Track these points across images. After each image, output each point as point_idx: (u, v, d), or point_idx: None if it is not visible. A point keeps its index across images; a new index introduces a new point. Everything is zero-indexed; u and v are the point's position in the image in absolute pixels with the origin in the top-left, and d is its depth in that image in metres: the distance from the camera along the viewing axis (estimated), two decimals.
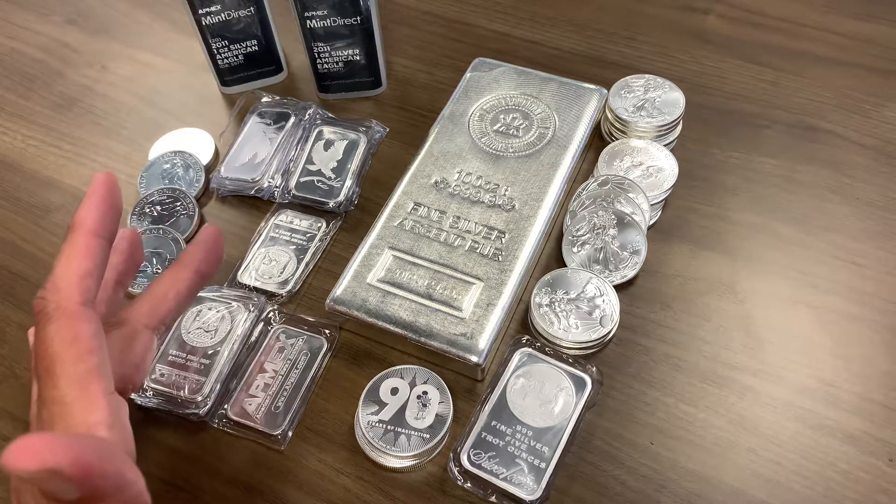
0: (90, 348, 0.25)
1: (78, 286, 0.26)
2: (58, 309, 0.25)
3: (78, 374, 0.25)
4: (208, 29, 0.49)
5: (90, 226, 0.27)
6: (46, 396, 0.25)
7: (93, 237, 0.27)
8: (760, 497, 0.33)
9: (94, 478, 0.21)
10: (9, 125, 0.53)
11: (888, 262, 0.41)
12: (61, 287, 0.26)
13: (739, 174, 0.45)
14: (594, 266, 0.40)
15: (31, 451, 0.20)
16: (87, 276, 0.26)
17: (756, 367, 0.37)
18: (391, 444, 0.34)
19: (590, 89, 0.47)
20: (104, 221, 0.27)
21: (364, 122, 0.49)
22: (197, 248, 0.31)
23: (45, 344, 0.25)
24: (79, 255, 0.27)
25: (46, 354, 0.25)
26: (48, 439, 0.21)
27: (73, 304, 0.26)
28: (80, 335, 0.25)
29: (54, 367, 0.25)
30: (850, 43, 0.52)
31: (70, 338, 0.25)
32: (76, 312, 0.26)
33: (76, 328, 0.25)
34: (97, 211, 0.27)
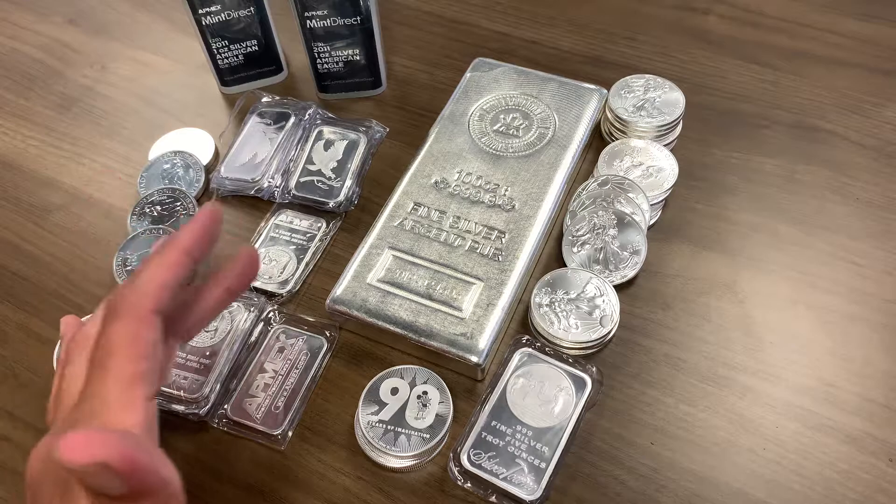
0: (145, 354, 0.26)
1: (155, 294, 0.27)
2: (130, 309, 0.27)
3: (127, 374, 0.26)
4: (208, 29, 0.49)
5: (185, 245, 0.29)
6: (92, 389, 0.26)
7: (183, 255, 0.29)
8: (760, 497, 0.33)
9: (141, 473, 0.22)
10: (9, 125, 0.53)
11: (888, 262, 0.41)
12: (141, 290, 0.27)
13: (739, 174, 0.45)
14: (594, 266, 0.40)
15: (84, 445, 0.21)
16: (166, 287, 0.28)
17: (756, 367, 0.37)
18: (391, 444, 0.34)
19: (590, 89, 0.47)
20: (199, 246, 0.29)
21: (364, 122, 0.49)
22: (232, 267, 0.33)
23: (106, 338, 0.26)
24: (167, 267, 0.28)
25: (105, 348, 0.26)
26: (100, 435, 0.21)
27: (144, 309, 0.27)
28: (140, 339, 0.26)
29: (108, 362, 0.26)
30: (850, 43, 0.52)
31: (131, 339, 0.26)
32: (145, 317, 0.27)
33: (139, 331, 0.26)
34: (195, 235, 0.29)
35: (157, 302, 0.27)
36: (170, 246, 0.29)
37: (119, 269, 0.43)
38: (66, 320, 0.34)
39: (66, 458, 0.21)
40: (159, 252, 0.29)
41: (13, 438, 0.38)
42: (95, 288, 0.43)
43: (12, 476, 0.36)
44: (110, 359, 0.26)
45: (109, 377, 0.25)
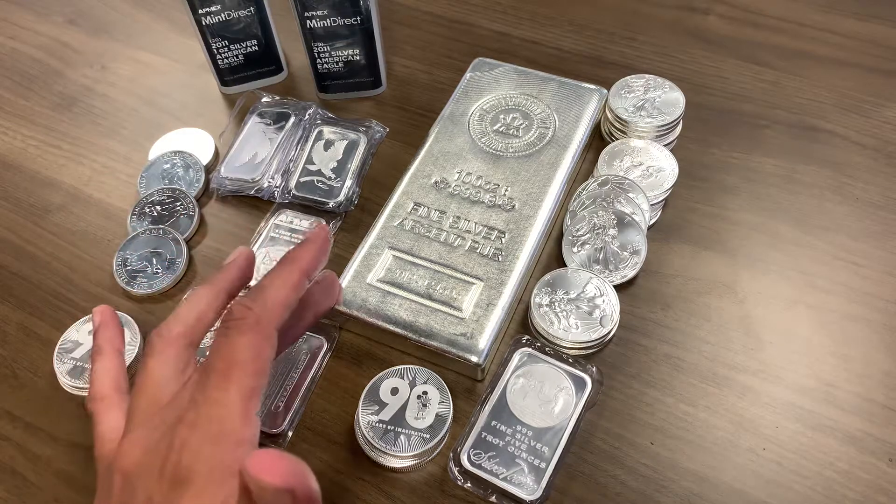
0: (265, 370, 0.27)
1: (280, 313, 0.29)
2: (258, 324, 0.28)
3: (248, 387, 0.27)
4: (208, 29, 0.49)
5: (306, 267, 0.30)
6: (212, 395, 0.26)
7: (304, 276, 0.30)
8: (760, 497, 0.33)
9: (312, 502, 0.23)
10: (9, 125, 0.53)
11: (888, 262, 0.41)
12: (268, 308, 0.28)
13: (739, 174, 0.45)
14: (594, 266, 0.40)
15: (277, 468, 0.22)
16: (288, 307, 0.29)
17: (756, 367, 0.37)
18: (391, 444, 0.34)
19: (590, 89, 0.47)
20: (315, 267, 0.31)
21: (364, 122, 0.49)
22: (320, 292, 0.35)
23: (232, 348, 0.27)
24: (290, 287, 0.30)
25: (230, 358, 0.27)
26: (290, 460, 0.22)
27: (270, 327, 0.28)
28: (263, 356, 0.27)
29: (232, 373, 0.26)
30: (850, 43, 0.52)
31: (256, 354, 0.27)
32: (270, 335, 0.28)
33: (263, 348, 0.28)
34: (316, 256, 0.31)
35: (280, 320, 0.29)
36: (293, 266, 0.30)
37: (119, 269, 0.43)
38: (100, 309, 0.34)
39: (259, 476, 0.21)
40: (283, 270, 0.30)
41: (13, 438, 0.38)
42: (95, 288, 0.43)
43: (12, 476, 0.36)
44: (235, 370, 0.26)
45: (233, 388, 0.26)
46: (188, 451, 0.26)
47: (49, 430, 0.38)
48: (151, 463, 0.26)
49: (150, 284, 0.42)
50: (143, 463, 0.27)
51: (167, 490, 0.25)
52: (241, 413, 0.26)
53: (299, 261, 0.30)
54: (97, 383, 0.32)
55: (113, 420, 0.30)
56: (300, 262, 0.30)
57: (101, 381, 0.32)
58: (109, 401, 0.31)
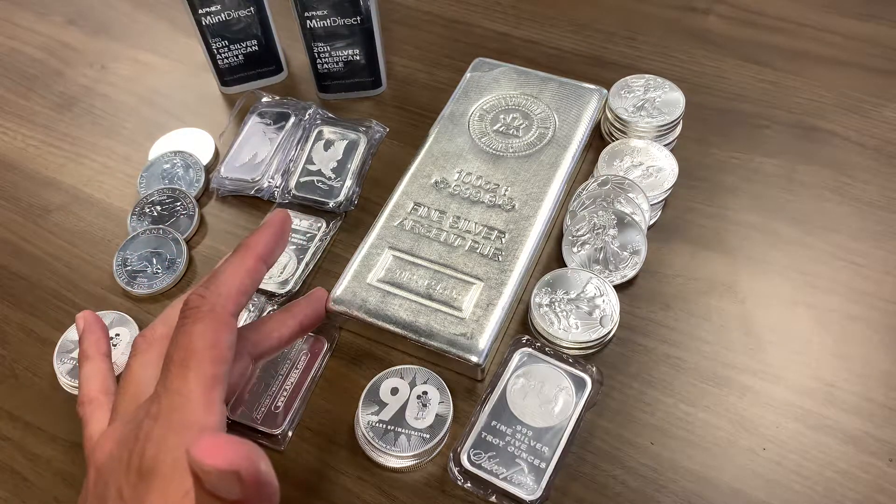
0: (224, 357, 0.27)
1: (235, 298, 0.29)
2: (212, 311, 0.28)
3: (208, 375, 0.27)
4: (208, 29, 0.49)
5: (261, 252, 0.30)
6: (173, 385, 0.26)
7: (259, 262, 0.30)
8: (760, 497, 0.33)
9: (261, 485, 0.23)
10: (9, 125, 0.53)
11: (888, 262, 0.41)
12: (222, 293, 0.28)
13: (739, 174, 0.45)
14: (594, 266, 0.40)
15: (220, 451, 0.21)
16: (244, 293, 0.29)
17: (756, 367, 0.37)
18: (391, 444, 0.34)
19: (590, 89, 0.47)
20: (272, 252, 0.31)
21: (364, 122, 0.49)
22: (307, 304, 0.36)
23: (189, 338, 0.27)
24: (245, 272, 0.30)
25: (187, 348, 0.27)
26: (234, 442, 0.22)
27: (225, 313, 0.28)
28: (221, 342, 0.27)
29: (190, 361, 0.27)
30: (850, 43, 0.52)
31: (212, 341, 0.27)
32: (226, 321, 0.28)
33: (220, 334, 0.28)
34: (271, 241, 0.31)
35: (237, 306, 0.29)
36: (246, 251, 0.30)
37: (119, 269, 0.43)
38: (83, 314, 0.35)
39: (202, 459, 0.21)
40: (236, 257, 0.30)
41: (13, 438, 0.38)
42: (95, 288, 0.43)
43: (12, 476, 0.36)
44: (192, 359, 0.27)
45: (191, 376, 0.26)
46: (152, 442, 0.26)
47: (49, 430, 0.38)
48: (120, 456, 0.27)
49: (150, 284, 0.42)
50: (113, 456, 0.27)
51: (135, 481, 0.26)
52: (203, 401, 0.26)
53: (254, 246, 0.30)
54: (85, 387, 0.32)
55: (100, 421, 0.31)
56: (255, 248, 0.30)
57: (88, 384, 0.32)
58: (97, 403, 0.31)
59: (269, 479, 0.23)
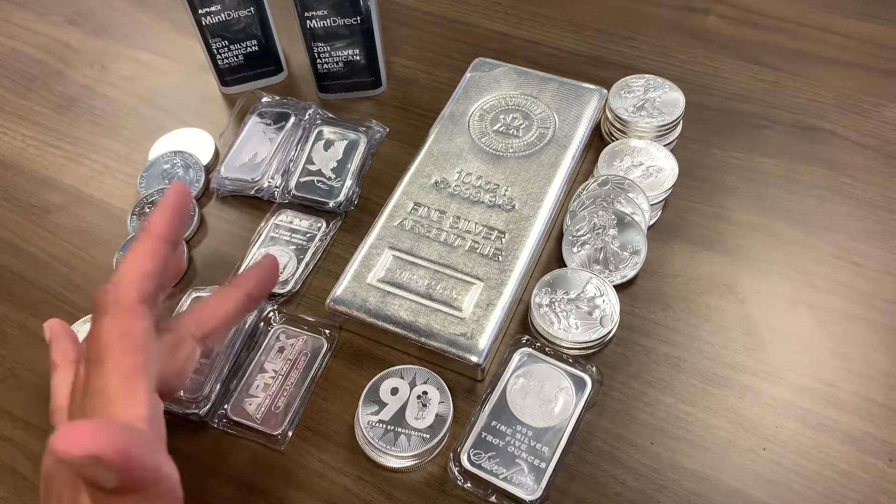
0: (139, 345, 0.27)
1: (138, 284, 0.28)
2: (116, 303, 0.27)
3: (125, 367, 0.26)
4: (208, 29, 0.49)
5: (159, 231, 0.29)
6: (92, 385, 0.26)
7: (160, 241, 0.29)
8: (760, 497, 0.33)
9: (135, 468, 0.22)
10: (9, 125, 0.53)
11: (888, 262, 0.41)
12: (123, 283, 0.28)
13: (739, 174, 0.45)
14: (594, 266, 0.40)
15: (78, 437, 0.21)
16: (148, 276, 0.28)
17: (756, 367, 0.37)
18: (391, 444, 0.34)
19: (590, 89, 0.47)
20: (172, 228, 0.30)
21: (364, 122, 0.49)
22: (251, 272, 0.34)
23: (98, 334, 0.26)
24: (145, 256, 0.28)
25: (98, 345, 0.26)
26: (94, 427, 0.21)
27: (130, 301, 0.27)
28: (131, 330, 0.27)
29: (104, 357, 0.26)
30: (850, 43, 0.52)
31: (122, 331, 0.26)
32: (132, 308, 0.27)
33: (129, 323, 0.27)
34: (168, 218, 0.29)
35: (141, 291, 0.28)
36: (144, 234, 0.29)
37: None
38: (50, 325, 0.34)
39: (58, 449, 0.21)
40: (135, 242, 0.29)
41: (13, 438, 0.38)
42: (95, 288, 0.43)
43: (12, 476, 0.36)
44: (106, 354, 0.26)
45: (107, 371, 0.26)
46: None
47: (49, 430, 0.37)
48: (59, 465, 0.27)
49: None
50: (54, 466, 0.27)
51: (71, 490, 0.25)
52: (123, 394, 0.25)
53: (151, 226, 0.29)
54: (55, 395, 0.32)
55: None
56: (152, 228, 0.29)
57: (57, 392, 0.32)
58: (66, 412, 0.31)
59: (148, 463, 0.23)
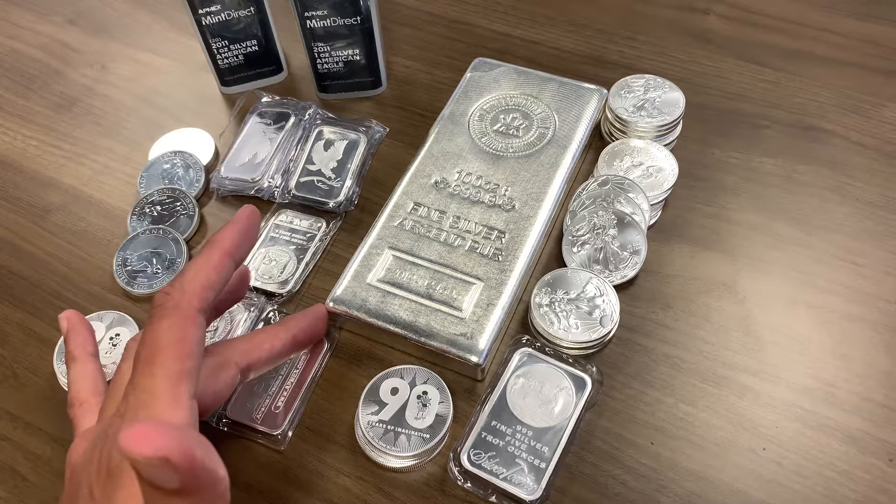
0: (191, 352, 0.27)
1: (200, 294, 0.29)
2: (177, 308, 0.28)
3: (174, 371, 0.26)
4: (208, 29, 0.49)
5: (227, 247, 0.30)
6: (139, 383, 0.26)
7: (226, 257, 0.30)
8: (760, 497, 0.33)
9: (197, 470, 0.22)
10: (9, 125, 0.53)
11: (888, 262, 0.41)
12: (187, 290, 0.28)
13: (739, 174, 0.45)
14: (594, 266, 0.40)
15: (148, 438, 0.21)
16: (210, 288, 0.29)
17: (756, 367, 0.37)
18: (391, 444, 0.34)
19: (590, 89, 0.47)
20: (239, 247, 0.31)
21: (364, 122, 0.49)
22: (304, 319, 0.36)
23: (154, 335, 0.27)
24: (210, 268, 0.29)
25: (152, 345, 0.27)
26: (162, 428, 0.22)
27: (191, 308, 0.28)
28: (186, 337, 0.27)
29: (156, 358, 0.26)
30: (850, 43, 0.52)
31: (178, 336, 0.27)
32: (191, 316, 0.28)
33: (186, 330, 0.27)
34: (237, 237, 0.31)
35: (202, 301, 0.29)
36: (212, 247, 0.30)
37: (119, 269, 0.43)
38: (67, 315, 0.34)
39: (129, 448, 0.21)
40: (202, 253, 0.30)
41: (13, 438, 0.38)
42: (95, 288, 0.43)
43: (12, 476, 0.36)
44: (158, 355, 0.27)
45: (157, 373, 0.26)
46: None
47: (49, 430, 0.38)
48: (92, 456, 0.27)
49: (150, 284, 0.42)
50: (86, 456, 0.27)
51: (104, 480, 0.26)
52: (168, 397, 0.26)
53: (220, 242, 0.30)
54: (74, 389, 0.32)
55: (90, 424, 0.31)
56: (221, 244, 0.30)
57: (77, 386, 0.32)
58: (87, 406, 0.31)
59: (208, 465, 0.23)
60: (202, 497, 0.24)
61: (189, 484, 0.22)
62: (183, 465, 0.22)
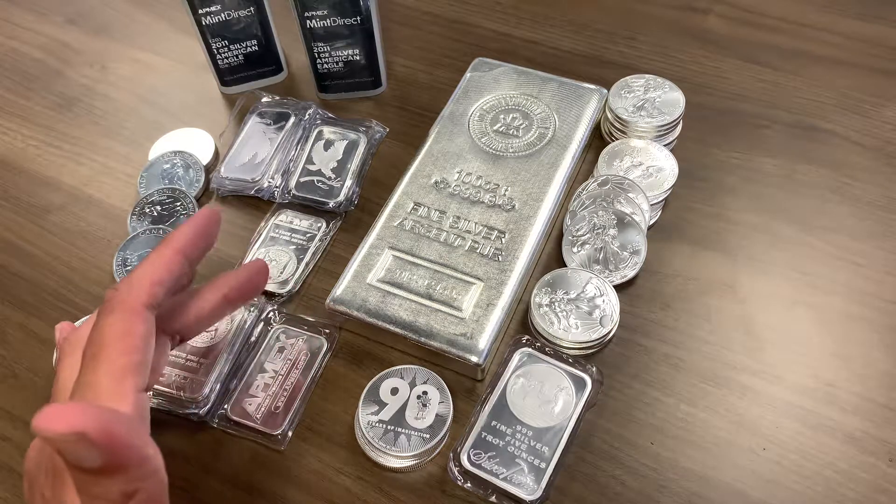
0: (136, 347, 0.27)
1: (148, 290, 0.28)
2: (122, 303, 0.27)
3: (118, 366, 0.26)
4: (208, 29, 0.49)
5: (179, 245, 0.30)
6: (84, 379, 0.26)
7: (178, 254, 0.30)
8: (760, 497, 0.33)
9: (119, 447, 0.22)
10: (9, 125, 0.53)
11: (888, 262, 0.41)
12: (134, 286, 0.28)
13: (739, 174, 0.45)
14: (594, 266, 0.40)
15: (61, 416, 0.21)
16: (159, 283, 0.29)
17: (756, 367, 0.37)
18: (391, 444, 0.34)
19: (590, 89, 0.47)
20: (193, 245, 0.30)
21: (364, 122, 0.49)
22: (235, 277, 0.33)
23: (99, 331, 0.27)
24: (160, 264, 0.29)
25: (97, 341, 0.27)
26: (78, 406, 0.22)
27: (137, 304, 0.28)
28: (131, 332, 0.27)
29: (100, 354, 0.26)
30: (850, 43, 0.52)
31: (122, 331, 0.27)
32: (137, 311, 0.28)
33: (131, 325, 0.27)
34: (190, 235, 0.30)
35: (150, 297, 0.28)
36: (164, 244, 0.30)
37: (119, 269, 0.43)
38: (60, 327, 0.34)
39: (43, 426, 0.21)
40: (154, 250, 0.30)
41: (13, 438, 0.38)
42: (95, 288, 0.43)
43: (12, 476, 0.36)
44: (102, 351, 0.26)
45: (101, 368, 0.26)
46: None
47: None
48: (40, 460, 0.27)
49: None
50: (35, 461, 0.27)
51: (52, 482, 0.26)
52: (112, 391, 0.26)
53: (174, 240, 0.30)
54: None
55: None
56: (174, 241, 0.30)
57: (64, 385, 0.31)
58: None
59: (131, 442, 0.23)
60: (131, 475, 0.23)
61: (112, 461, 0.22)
62: (100, 441, 0.21)
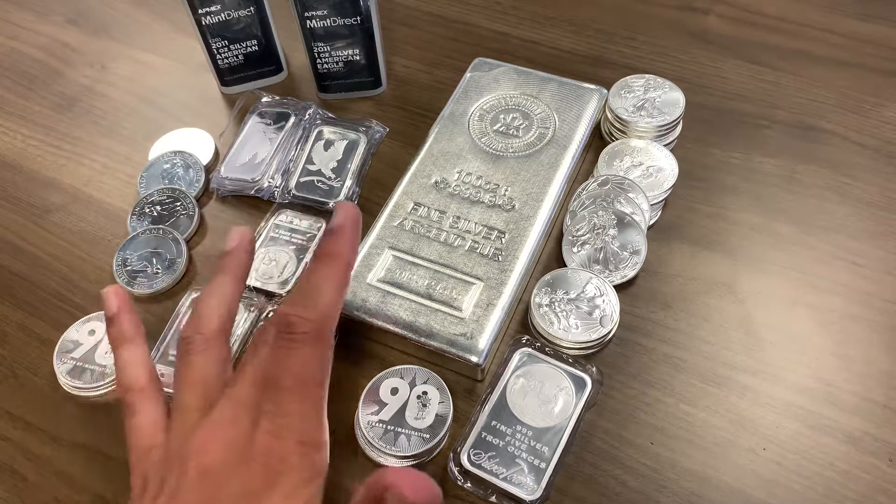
0: (328, 377, 0.29)
1: (335, 317, 0.29)
2: (319, 333, 0.28)
3: (320, 397, 0.28)
4: (208, 29, 0.49)
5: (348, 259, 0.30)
6: (289, 408, 0.27)
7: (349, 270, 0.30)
8: (760, 497, 0.33)
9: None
10: (9, 125, 0.53)
11: (888, 262, 0.41)
12: (324, 314, 0.28)
13: (739, 174, 0.45)
14: (594, 266, 0.40)
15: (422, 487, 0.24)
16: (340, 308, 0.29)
17: (756, 367, 0.37)
18: (391, 444, 0.34)
19: (590, 89, 0.47)
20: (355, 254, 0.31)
21: (364, 122, 0.49)
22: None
23: (301, 362, 0.27)
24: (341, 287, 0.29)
25: (300, 374, 0.27)
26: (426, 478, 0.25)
27: (328, 333, 0.28)
28: (326, 364, 0.28)
29: (307, 387, 0.28)
30: (850, 43, 0.52)
31: (323, 364, 0.28)
32: (329, 341, 0.28)
33: (327, 357, 0.28)
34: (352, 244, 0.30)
35: (335, 323, 0.29)
36: (336, 262, 0.29)
37: (119, 269, 0.43)
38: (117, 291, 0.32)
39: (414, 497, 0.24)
40: (328, 270, 0.29)
41: (13, 438, 0.37)
42: (95, 288, 0.43)
43: (12, 476, 0.36)
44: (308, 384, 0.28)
45: (308, 401, 0.27)
46: (275, 456, 0.26)
47: (49, 430, 0.38)
48: (237, 466, 0.27)
49: (150, 284, 0.42)
50: (227, 461, 0.27)
51: (259, 489, 0.26)
52: (317, 422, 0.28)
53: (341, 255, 0.29)
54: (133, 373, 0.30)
55: (151, 412, 0.29)
56: (343, 257, 0.29)
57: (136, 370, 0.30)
58: (147, 392, 0.30)
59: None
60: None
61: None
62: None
